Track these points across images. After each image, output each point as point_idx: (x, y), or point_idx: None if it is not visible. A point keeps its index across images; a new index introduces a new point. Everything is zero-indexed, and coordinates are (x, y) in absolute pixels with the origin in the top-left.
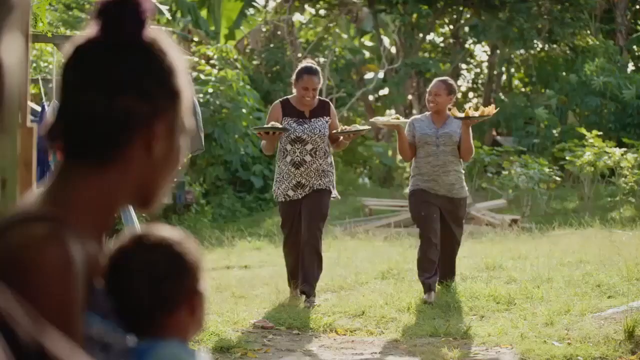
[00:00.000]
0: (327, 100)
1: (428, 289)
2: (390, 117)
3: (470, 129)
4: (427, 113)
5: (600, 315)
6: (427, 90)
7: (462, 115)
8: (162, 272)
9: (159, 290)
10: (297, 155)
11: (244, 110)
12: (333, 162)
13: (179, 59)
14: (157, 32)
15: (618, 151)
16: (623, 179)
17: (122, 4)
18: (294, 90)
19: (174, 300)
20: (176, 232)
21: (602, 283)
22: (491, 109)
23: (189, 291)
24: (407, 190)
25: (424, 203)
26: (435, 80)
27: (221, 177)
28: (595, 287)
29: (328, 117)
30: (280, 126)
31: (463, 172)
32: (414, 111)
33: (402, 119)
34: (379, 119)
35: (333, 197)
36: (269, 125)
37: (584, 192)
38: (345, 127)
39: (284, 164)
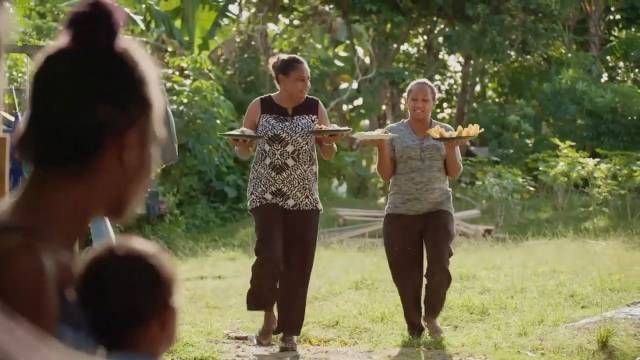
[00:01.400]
0: (316, 98)
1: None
2: (376, 131)
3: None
4: (404, 121)
5: (573, 326)
6: (408, 95)
7: (437, 136)
8: (134, 285)
9: (131, 303)
10: (278, 158)
11: (218, 121)
12: (317, 172)
13: (150, 69)
14: (129, 42)
15: (591, 161)
16: (596, 189)
17: (94, 14)
18: (280, 87)
19: (145, 314)
20: (150, 245)
21: (576, 293)
22: (475, 129)
23: (160, 305)
24: (381, 200)
25: (399, 235)
26: (416, 83)
27: (195, 188)
28: (568, 297)
29: (315, 116)
30: (251, 133)
31: (450, 190)
32: (388, 121)
33: (389, 133)
34: (363, 134)
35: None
36: (239, 132)
37: (558, 203)
38: (322, 126)
39: (262, 167)
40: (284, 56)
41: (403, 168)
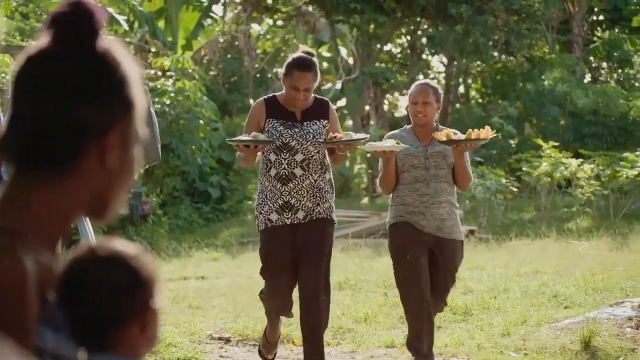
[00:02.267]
0: (326, 99)
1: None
2: (386, 141)
3: (467, 153)
4: (407, 127)
5: (556, 326)
6: (409, 99)
7: (444, 139)
8: (115, 286)
9: (111, 305)
10: (284, 168)
11: (201, 121)
12: (332, 179)
13: (132, 68)
14: (111, 42)
15: (574, 162)
16: (579, 189)
17: (75, 14)
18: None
19: (125, 315)
20: (131, 246)
21: (559, 293)
22: (486, 132)
23: (141, 307)
24: (364, 201)
25: (409, 243)
26: (416, 85)
27: (178, 188)
28: (551, 297)
29: (326, 121)
30: (264, 138)
31: (458, 206)
32: (372, 122)
33: (401, 144)
34: (373, 145)
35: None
36: (250, 137)
37: (541, 203)
38: (337, 134)
39: (267, 179)
40: (296, 54)
41: (407, 178)
